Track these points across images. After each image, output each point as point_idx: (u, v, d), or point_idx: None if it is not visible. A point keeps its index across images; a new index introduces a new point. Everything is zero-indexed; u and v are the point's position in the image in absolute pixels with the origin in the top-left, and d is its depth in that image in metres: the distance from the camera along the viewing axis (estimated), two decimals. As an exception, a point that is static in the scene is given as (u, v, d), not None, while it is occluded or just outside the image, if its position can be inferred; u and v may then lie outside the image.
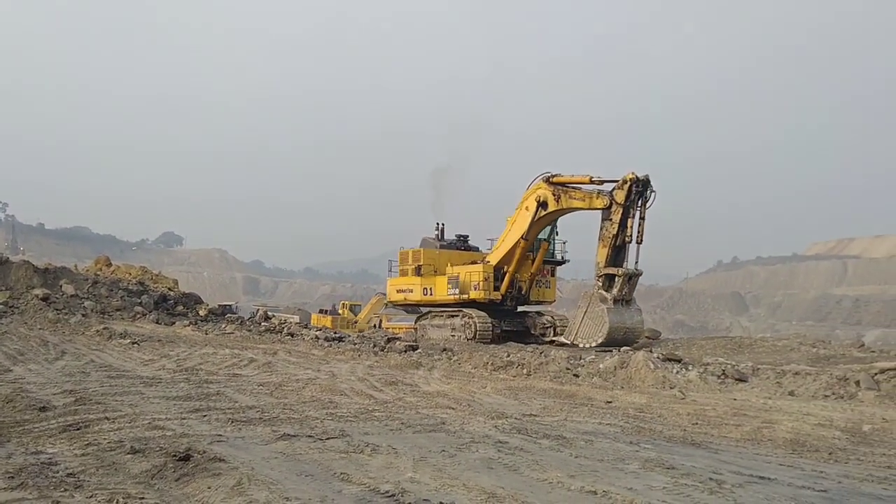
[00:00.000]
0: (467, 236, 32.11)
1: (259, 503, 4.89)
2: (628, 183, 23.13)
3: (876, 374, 13.26)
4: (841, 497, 5.70)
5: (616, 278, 23.37)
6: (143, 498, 5.05)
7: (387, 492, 5.27)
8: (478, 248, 31.58)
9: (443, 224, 31.64)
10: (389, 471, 6.01)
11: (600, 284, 23.82)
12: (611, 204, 23.52)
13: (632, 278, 23.64)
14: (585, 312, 23.72)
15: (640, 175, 23.19)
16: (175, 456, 6.02)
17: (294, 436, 7.30)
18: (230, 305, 31.27)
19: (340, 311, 52.48)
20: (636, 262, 23.71)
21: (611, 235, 23.53)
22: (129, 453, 6.23)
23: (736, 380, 14.25)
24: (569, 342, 23.55)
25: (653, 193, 23.41)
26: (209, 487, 5.28)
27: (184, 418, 8.12)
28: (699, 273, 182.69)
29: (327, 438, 7.27)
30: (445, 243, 31.04)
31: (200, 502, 5.02)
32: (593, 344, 22.70)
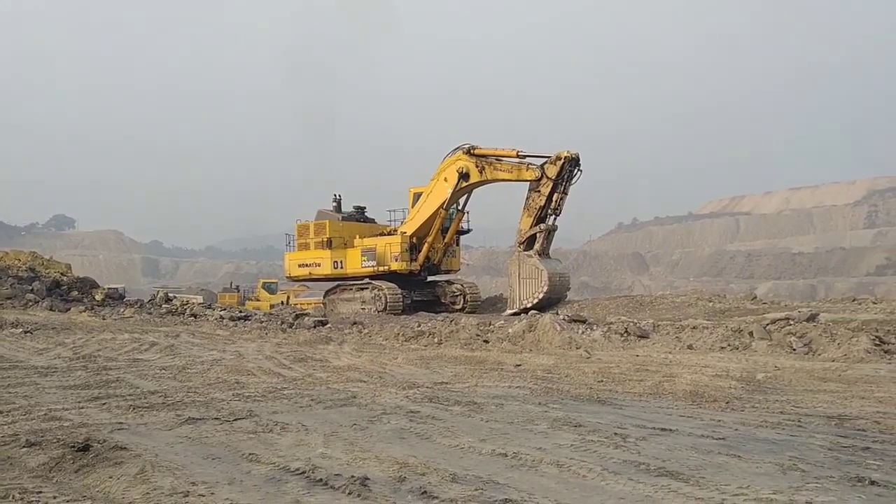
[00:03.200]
0: (364, 208, 31.82)
1: (164, 489, 4.74)
2: (563, 160, 24.27)
3: (767, 324, 13.95)
4: (737, 443, 5.96)
5: (538, 234, 24.68)
6: (40, 492, 4.81)
7: (297, 469, 5.19)
8: (374, 220, 31.39)
9: (340, 196, 31.31)
10: (300, 448, 5.93)
11: (522, 248, 24.99)
12: (541, 177, 24.27)
13: (550, 233, 25.10)
14: (519, 275, 24.55)
15: (573, 153, 24.28)
16: (74, 447, 5.75)
17: (199, 419, 7.10)
18: (116, 289, 29.38)
19: (258, 292, 51.36)
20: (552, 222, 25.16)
21: (537, 206, 24.69)
22: (24, 447, 5.92)
23: (638, 337, 14.74)
24: (517, 309, 23.94)
25: (579, 172, 24.75)
26: (111, 477, 5.08)
27: (82, 407, 7.78)
28: (601, 235, 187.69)
29: (234, 420, 7.11)
30: (345, 215, 30.71)
31: (102, 493, 4.82)
32: (540, 296, 23.83)
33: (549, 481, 4.93)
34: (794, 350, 12.48)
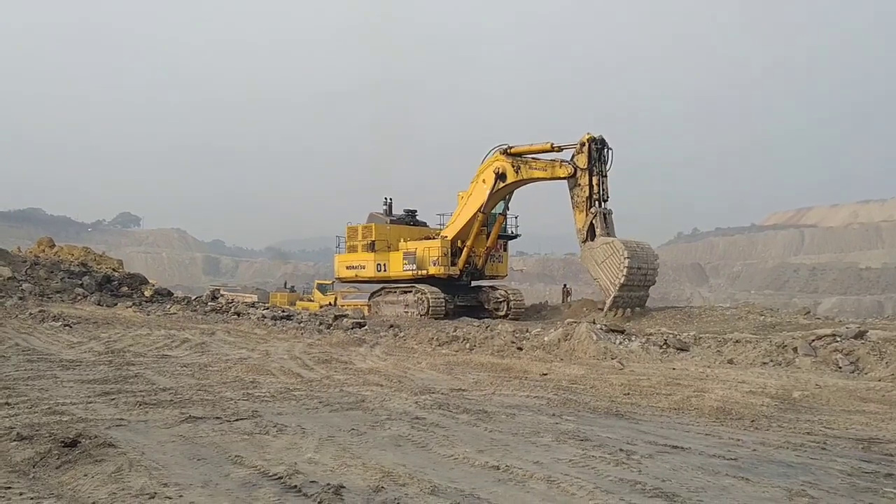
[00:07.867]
0: (415, 211, 31.79)
1: (132, 490, 4.60)
2: (586, 144, 23.89)
3: (813, 340, 13.32)
4: (750, 465, 5.57)
5: (594, 221, 24.01)
6: (9, 487, 4.73)
7: (275, 474, 5.00)
8: (426, 224, 31.28)
9: (391, 199, 31.32)
10: (289, 452, 5.75)
11: (587, 242, 24.38)
12: (575, 171, 23.86)
13: (606, 217, 24.31)
14: (596, 262, 23.93)
15: (595, 134, 23.84)
16: (63, 442, 5.69)
17: (200, 418, 6.99)
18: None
19: (313, 292, 51.92)
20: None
21: (584, 199, 24.26)
22: (15, 440, 5.87)
23: (677, 349, 14.25)
24: (613, 295, 23.27)
25: (610, 151, 24.35)
26: (86, 475, 4.97)
27: (90, 402, 7.76)
28: (660, 245, 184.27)
29: (236, 419, 6.98)
30: (395, 218, 30.69)
31: (71, 491, 4.70)
32: (625, 271, 22.85)
33: (534, 498, 4.65)
34: (840, 368, 11.88)
